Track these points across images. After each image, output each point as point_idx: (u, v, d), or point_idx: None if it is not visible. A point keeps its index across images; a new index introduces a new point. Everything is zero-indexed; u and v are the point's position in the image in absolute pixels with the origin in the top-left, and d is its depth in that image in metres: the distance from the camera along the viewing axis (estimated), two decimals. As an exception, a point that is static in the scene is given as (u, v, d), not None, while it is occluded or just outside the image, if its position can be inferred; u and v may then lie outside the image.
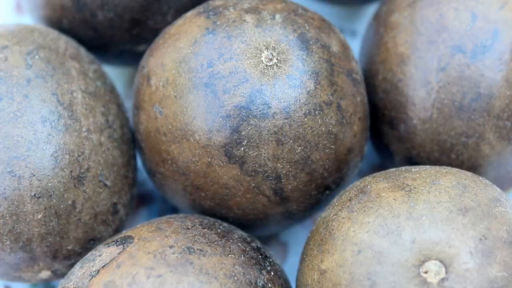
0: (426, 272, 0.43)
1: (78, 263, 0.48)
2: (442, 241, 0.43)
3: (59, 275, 0.51)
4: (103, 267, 0.45)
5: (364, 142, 0.51)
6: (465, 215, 0.44)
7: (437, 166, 0.48)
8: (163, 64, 0.49)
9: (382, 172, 0.49)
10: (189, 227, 0.48)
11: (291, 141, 0.48)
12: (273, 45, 0.48)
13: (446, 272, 0.43)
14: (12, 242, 0.48)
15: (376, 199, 0.46)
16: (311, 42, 0.49)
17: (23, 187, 0.48)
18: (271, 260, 0.49)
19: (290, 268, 0.57)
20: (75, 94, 0.50)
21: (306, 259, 0.47)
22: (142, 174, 0.60)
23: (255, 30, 0.48)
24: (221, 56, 0.48)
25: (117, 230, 0.52)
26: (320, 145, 0.48)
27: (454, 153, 0.51)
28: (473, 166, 0.51)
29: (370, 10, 0.65)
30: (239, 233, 0.49)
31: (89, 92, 0.51)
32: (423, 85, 0.51)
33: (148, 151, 0.51)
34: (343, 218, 0.46)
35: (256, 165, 0.48)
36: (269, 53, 0.48)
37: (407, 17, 0.52)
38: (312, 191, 0.50)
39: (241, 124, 0.47)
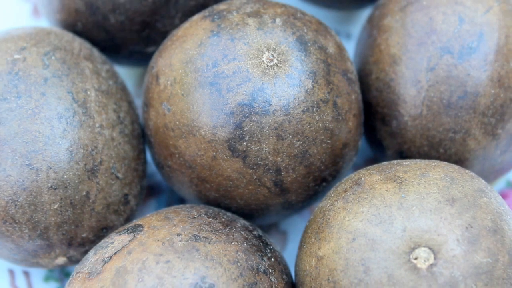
0: (416, 258, 0.43)
1: (91, 249, 0.48)
2: (431, 230, 0.43)
3: (74, 261, 0.51)
4: (115, 253, 0.46)
5: (359, 137, 0.51)
6: (453, 205, 0.44)
7: (426, 160, 0.48)
8: (171, 64, 0.49)
9: (375, 165, 0.49)
10: (195, 216, 0.48)
11: (290, 136, 0.48)
12: (274, 46, 0.48)
13: (435, 258, 0.43)
14: (30, 230, 0.49)
15: (370, 190, 0.46)
16: (309, 44, 0.49)
17: (41, 179, 0.48)
18: (271, 247, 0.49)
19: (289, 255, 0.58)
20: (89, 92, 0.50)
21: (304, 246, 0.47)
22: (151, 167, 0.60)
23: (256, 32, 0.48)
24: (225, 57, 0.48)
25: (128, 219, 0.52)
26: (318, 140, 0.48)
27: (442, 147, 0.51)
28: (460, 159, 0.51)
29: (364, 14, 0.65)
30: (241, 222, 0.49)
31: (102, 91, 0.51)
32: (414, 84, 0.51)
33: (157, 145, 0.51)
34: (338, 208, 0.46)
35: (258, 159, 0.48)
36: (270, 54, 0.48)
37: (398, 21, 0.52)
38: (310, 183, 0.50)
39: (244, 120, 0.47)
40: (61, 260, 0.51)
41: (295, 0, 0.62)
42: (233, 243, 0.46)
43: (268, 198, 0.50)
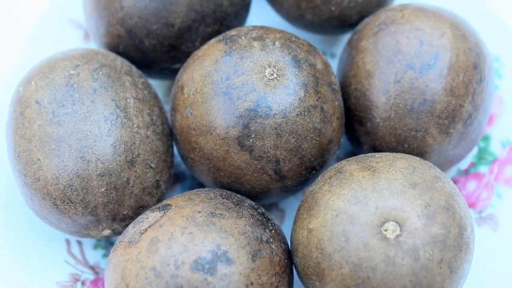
0: (385, 230, 0.43)
1: (131, 223, 0.48)
2: (398, 208, 0.43)
3: (117, 232, 0.51)
4: (149, 226, 0.46)
5: (341, 135, 0.51)
6: (414, 188, 0.44)
7: (394, 153, 0.48)
8: (193, 78, 0.49)
9: (354, 157, 0.49)
10: (212, 197, 0.48)
11: (287, 134, 0.48)
12: (274, 64, 0.48)
13: (400, 230, 0.43)
14: (83, 208, 0.49)
15: (349, 177, 0.46)
16: (301, 62, 0.49)
17: (91, 168, 0.48)
18: (272, 222, 0.49)
19: (286, 228, 0.58)
20: (128, 100, 0.50)
21: (298, 221, 0.47)
22: (177, 158, 0.60)
23: (260, 53, 0.48)
24: (235, 72, 0.48)
25: (159, 200, 0.52)
26: (308, 137, 0.48)
27: (406, 143, 0.51)
28: (420, 153, 0.51)
29: (344, 38, 0.65)
30: (248, 202, 0.49)
31: (139, 99, 0.51)
32: (384, 93, 0.51)
33: (182, 142, 0.51)
34: (325, 191, 0.46)
35: (261, 152, 0.48)
36: (271, 70, 0.48)
37: (372, 43, 0.52)
38: (302, 171, 0.50)
39: (250, 122, 0.47)
40: (106, 232, 0.51)
41: (291, 27, 0.62)
42: (242, 218, 0.46)
43: (269, 183, 0.50)
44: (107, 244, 0.57)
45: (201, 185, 0.59)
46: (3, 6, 0.68)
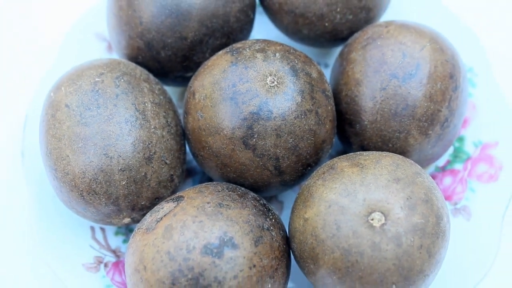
0: (372, 220, 0.43)
1: (148, 213, 0.48)
2: (383, 200, 0.44)
3: (136, 221, 0.51)
4: (164, 215, 0.46)
5: (333, 136, 0.51)
6: (398, 183, 0.44)
7: (380, 152, 0.48)
8: (203, 85, 0.49)
9: (344, 155, 0.49)
10: (219, 190, 0.48)
11: (286, 135, 0.47)
12: (274, 73, 0.48)
13: (385, 220, 0.43)
14: (106, 199, 0.49)
15: (341, 172, 0.46)
16: (299, 71, 0.49)
17: (113, 164, 0.48)
18: (272, 212, 0.49)
19: (285, 218, 0.57)
20: (146, 104, 0.50)
21: (295, 212, 0.47)
22: (189, 156, 0.60)
23: (262, 63, 0.48)
24: (240, 80, 0.48)
25: (173, 192, 0.52)
26: (304, 137, 0.48)
27: (391, 143, 0.51)
28: (403, 151, 0.51)
29: (336, 50, 0.65)
30: (251, 194, 0.49)
31: (155, 103, 0.51)
32: (371, 99, 0.51)
33: (193, 141, 0.51)
34: (319, 185, 0.46)
35: (263, 151, 0.48)
36: (271, 78, 0.48)
37: (360, 55, 0.52)
38: (299, 167, 0.50)
39: (253, 124, 0.47)
40: (126, 220, 0.51)
41: (289, 40, 0.62)
42: (245, 209, 0.46)
43: (270, 178, 0.50)
44: (127, 230, 0.57)
45: (210, 179, 0.59)
46: (38, 21, 0.68)
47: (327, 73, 0.63)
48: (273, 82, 0.48)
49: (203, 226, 0.44)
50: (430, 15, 0.61)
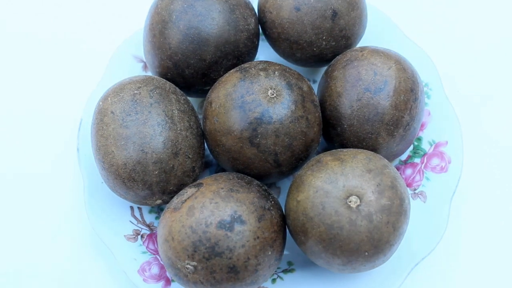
0: (350, 202, 0.43)
1: (175, 196, 0.48)
2: (358, 186, 0.44)
3: (166, 202, 0.51)
4: (188, 198, 0.46)
5: (320, 136, 0.51)
6: (370, 173, 0.44)
7: (356, 149, 0.48)
8: (218, 96, 0.49)
9: (328, 151, 0.49)
10: (231, 178, 0.48)
11: (283, 135, 0.48)
12: (274, 87, 0.48)
13: (360, 202, 0.43)
14: (142, 185, 0.49)
15: (325, 165, 0.46)
16: (293, 85, 0.49)
17: (148, 158, 0.48)
18: (272, 195, 0.49)
19: (282, 200, 0.57)
20: (174, 111, 0.50)
21: (290, 195, 0.47)
22: (207, 151, 0.59)
23: (265, 79, 0.48)
24: (247, 92, 0.48)
25: (195, 180, 0.52)
26: (297, 138, 0.48)
27: (365, 142, 0.51)
28: (374, 149, 0.51)
29: (322, 69, 0.65)
30: (256, 182, 0.49)
31: (181, 110, 0.51)
32: (349, 108, 0.50)
33: (210, 140, 0.51)
34: (308, 175, 0.46)
35: (265, 148, 0.48)
36: (272, 91, 0.48)
37: (341, 73, 0.52)
38: (293, 161, 0.50)
39: (258, 127, 0.47)
40: (158, 201, 0.51)
41: (285, 61, 0.62)
42: (251, 193, 0.47)
43: (270, 169, 0.50)
44: (159, 209, 0.57)
45: (223, 170, 0.59)
46: (90, 46, 0.68)
47: (315, 87, 0.63)
48: (273, 94, 0.48)
49: (218, 206, 0.44)
50: (395, 42, 0.61)
